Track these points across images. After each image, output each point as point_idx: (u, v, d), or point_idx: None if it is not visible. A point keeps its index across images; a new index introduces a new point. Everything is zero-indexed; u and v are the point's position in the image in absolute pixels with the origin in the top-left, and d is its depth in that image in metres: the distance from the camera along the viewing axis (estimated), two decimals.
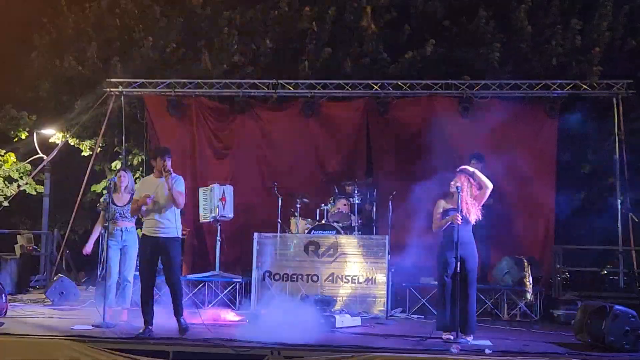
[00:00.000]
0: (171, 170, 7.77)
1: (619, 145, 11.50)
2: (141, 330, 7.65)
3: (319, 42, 12.85)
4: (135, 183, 8.96)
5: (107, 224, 8.53)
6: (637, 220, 11.31)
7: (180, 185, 7.87)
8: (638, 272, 11.05)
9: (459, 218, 7.51)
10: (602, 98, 11.66)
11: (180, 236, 7.99)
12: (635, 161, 11.44)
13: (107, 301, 8.43)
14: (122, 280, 8.68)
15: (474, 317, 7.73)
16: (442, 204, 7.83)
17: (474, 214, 7.69)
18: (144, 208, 7.82)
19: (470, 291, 7.62)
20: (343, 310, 9.40)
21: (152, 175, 8.06)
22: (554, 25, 12.29)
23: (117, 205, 8.65)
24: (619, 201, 11.42)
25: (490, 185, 7.74)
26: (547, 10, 12.51)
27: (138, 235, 8.80)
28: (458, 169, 7.88)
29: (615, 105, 11.55)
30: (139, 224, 8.89)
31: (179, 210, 7.94)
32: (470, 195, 7.71)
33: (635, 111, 11.95)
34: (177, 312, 7.85)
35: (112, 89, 12.34)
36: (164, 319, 7.96)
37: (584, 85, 11.49)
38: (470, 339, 7.50)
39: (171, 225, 7.81)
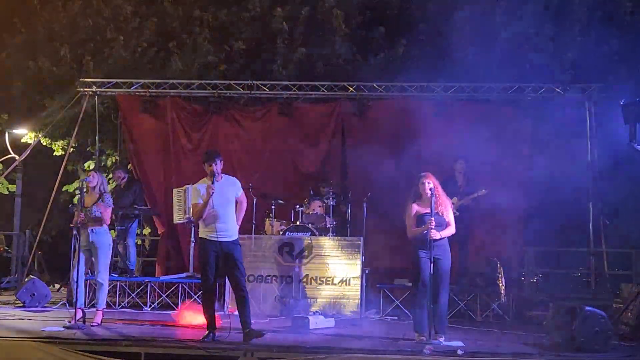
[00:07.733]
0: (217, 172, 7.53)
1: (591, 148, 11.63)
2: (204, 335, 7.45)
3: (292, 42, 12.84)
4: (108, 184, 8.79)
5: (75, 225, 8.39)
6: (608, 222, 11.45)
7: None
8: (609, 274, 11.20)
9: (434, 224, 7.48)
10: (575, 102, 11.77)
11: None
12: (607, 164, 11.57)
13: (76, 302, 8.26)
14: (96, 282, 8.53)
15: (446, 317, 7.77)
16: (416, 208, 7.71)
17: (450, 213, 7.71)
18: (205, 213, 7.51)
19: (443, 292, 7.63)
20: (317, 312, 9.39)
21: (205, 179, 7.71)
22: (527, 29, 12.39)
23: (86, 207, 8.39)
24: (590, 203, 11.54)
25: (452, 232, 7.76)
26: (520, 15, 12.61)
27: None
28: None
29: (587, 109, 11.69)
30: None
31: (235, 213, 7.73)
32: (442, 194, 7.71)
33: (607, 115, 12.08)
34: (244, 321, 7.45)
35: (85, 89, 12.16)
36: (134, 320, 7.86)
37: (557, 89, 11.59)
38: (442, 339, 7.52)
39: (231, 228, 7.64)
